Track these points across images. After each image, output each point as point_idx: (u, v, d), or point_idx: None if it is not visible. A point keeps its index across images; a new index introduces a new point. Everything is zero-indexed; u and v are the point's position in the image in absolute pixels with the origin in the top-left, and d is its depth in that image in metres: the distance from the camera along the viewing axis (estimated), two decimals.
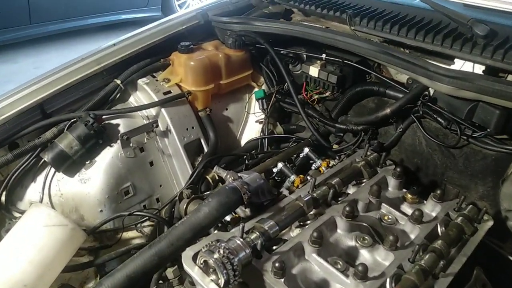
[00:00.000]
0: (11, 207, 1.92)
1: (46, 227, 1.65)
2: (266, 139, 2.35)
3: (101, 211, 1.98)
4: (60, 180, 1.97)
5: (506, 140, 1.79)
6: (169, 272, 1.85)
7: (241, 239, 1.35)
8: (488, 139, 1.81)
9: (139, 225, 2.02)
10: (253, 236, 1.39)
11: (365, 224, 1.55)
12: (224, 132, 2.42)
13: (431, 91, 1.97)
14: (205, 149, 2.24)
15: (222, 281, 1.25)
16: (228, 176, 1.63)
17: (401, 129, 2.04)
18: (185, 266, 1.32)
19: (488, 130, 1.77)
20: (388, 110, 2.00)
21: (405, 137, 2.06)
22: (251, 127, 2.49)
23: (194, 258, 1.34)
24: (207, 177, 2.08)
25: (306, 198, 1.60)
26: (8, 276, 1.56)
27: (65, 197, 1.97)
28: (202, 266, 1.30)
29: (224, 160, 2.23)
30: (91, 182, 1.98)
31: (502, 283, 1.67)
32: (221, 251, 1.27)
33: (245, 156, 2.23)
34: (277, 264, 1.32)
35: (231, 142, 2.45)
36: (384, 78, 2.14)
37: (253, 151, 2.37)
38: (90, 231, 1.88)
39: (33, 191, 1.96)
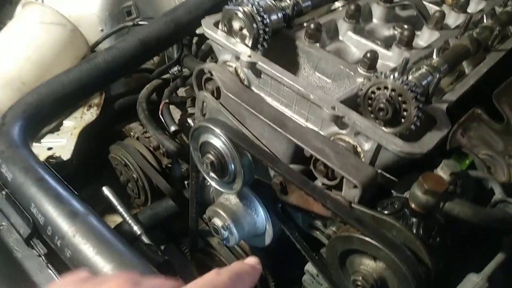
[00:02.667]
0: None
1: (42, 24, 1.46)
2: None
3: (101, 30, 1.78)
4: None
5: None
6: (181, 92, 1.71)
7: (272, 1, 1.17)
8: None
9: None
10: (284, 3, 1.21)
11: (406, 1, 1.37)
12: None
13: None
14: None
15: (250, 39, 1.09)
16: None
17: None
18: (205, 31, 1.15)
19: None
20: None
21: None
22: None
23: (216, 25, 1.17)
24: None
25: None
26: (4, 70, 1.40)
27: None
28: (226, 28, 1.13)
29: None
30: None
31: None
32: (250, 4, 1.10)
33: None
34: (312, 26, 1.15)
35: None
36: None
37: None
38: (92, 46, 1.70)
39: None
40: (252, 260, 0.52)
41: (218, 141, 0.99)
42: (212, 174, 1.06)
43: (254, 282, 0.48)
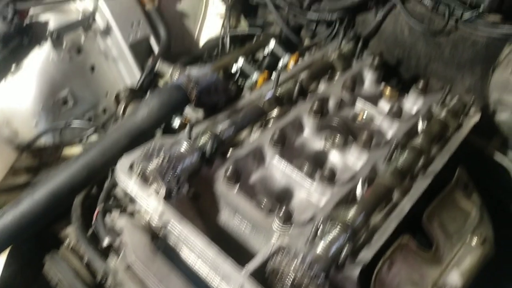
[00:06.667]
0: None
1: None
2: (228, 37, 2.04)
3: (36, 124, 1.71)
4: None
5: (498, 24, 1.53)
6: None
7: (187, 143, 1.13)
8: (480, 22, 1.54)
9: (84, 139, 1.78)
10: (202, 139, 1.17)
11: (336, 121, 1.33)
12: (179, 29, 2.09)
13: None
14: (156, 50, 1.93)
15: (162, 192, 1.05)
16: (174, 72, 1.36)
17: (381, 16, 1.75)
18: (119, 180, 1.10)
19: (481, 8, 1.50)
20: None
21: (385, 25, 1.77)
22: (211, 22, 2.16)
23: (132, 168, 1.12)
24: (160, 80, 1.81)
25: (267, 96, 1.36)
26: None
27: None
28: (140, 176, 1.09)
29: (179, 62, 1.94)
30: (21, 91, 1.68)
31: (486, 184, 1.53)
32: (161, 158, 1.05)
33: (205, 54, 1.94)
34: (229, 171, 1.11)
35: (188, 42, 2.13)
36: None
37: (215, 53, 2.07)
38: (24, 148, 1.63)
39: None
40: None
41: None
42: None
43: None
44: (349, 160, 1.30)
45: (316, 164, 1.29)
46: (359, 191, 1.17)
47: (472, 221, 1.35)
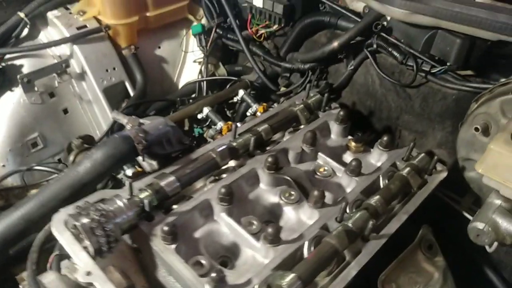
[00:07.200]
0: None
1: None
2: (205, 82, 2.05)
3: (3, 166, 1.72)
4: None
5: (469, 77, 1.50)
6: None
7: (124, 199, 1.10)
8: (449, 75, 1.52)
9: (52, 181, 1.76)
10: (143, 194, 1.14)
11: (287, 178, 1.29)
12: (158, 74, 2.11)
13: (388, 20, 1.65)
14: (132, 93, 1.94)
15: (92, 250, 1.01)
16: (127, 123, 1.35)
17: (353, 67, 1.74)
18: (53, 231, 1.07)
19: (448, 64, 1.48)
20: (335, 44, 1.69)
21: (357, 76, 1.76)
22: (190, 68, 2.18)
23: (67, 223, 1.09)
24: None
25: (221, 148, 1.33)
26: None
27: None
28: (74, 231, 1.06)
29: (155, 106, 1.95)
30: None
31: (456, 242, 1.46)
32: (91, 214, 1.02)
33: (178, 101, 1.94)
34: (165, 228, 1.07)
35: (167, 86, 2.15)
36: (337, 7, 1.80)
37: (192, 96, 2.08)
38: None
39: None
40: None
41: None
42: None
43: None
44: (303, 217, 1.25)
45: (272, 217, 1.25)
46: (305, 252, 1.12)
47: (433, 285, 1.27)
